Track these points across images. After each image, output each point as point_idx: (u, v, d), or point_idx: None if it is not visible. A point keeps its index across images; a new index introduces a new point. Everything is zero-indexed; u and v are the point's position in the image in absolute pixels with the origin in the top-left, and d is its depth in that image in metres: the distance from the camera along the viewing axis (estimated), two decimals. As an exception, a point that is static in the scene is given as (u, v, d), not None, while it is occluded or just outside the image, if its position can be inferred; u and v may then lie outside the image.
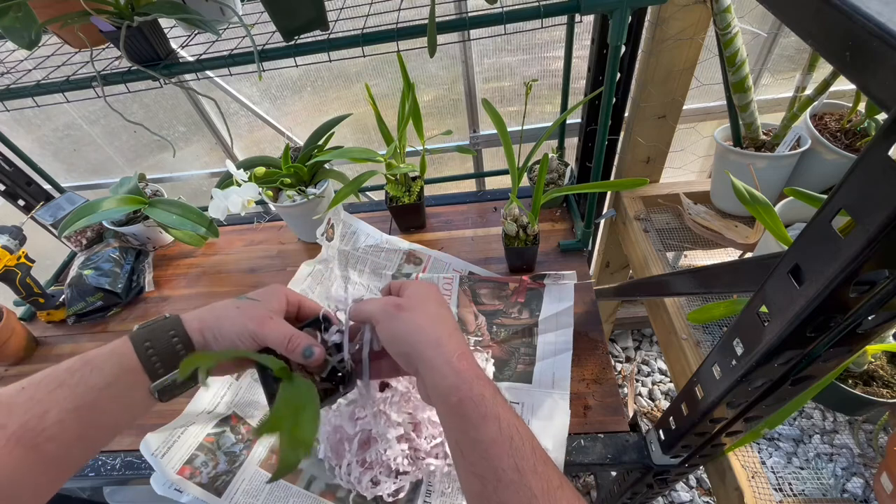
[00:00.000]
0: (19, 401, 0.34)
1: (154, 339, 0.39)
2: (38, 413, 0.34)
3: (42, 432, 0.33)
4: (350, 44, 0.57)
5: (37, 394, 0.35)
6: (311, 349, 0.40)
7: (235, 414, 0.67)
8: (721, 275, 0.49)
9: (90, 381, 0.36)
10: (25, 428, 0.33)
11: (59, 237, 0.91)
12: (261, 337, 0.40)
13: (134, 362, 0.38)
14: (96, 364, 0.37)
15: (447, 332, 0.41)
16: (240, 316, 0.41)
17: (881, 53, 0.21)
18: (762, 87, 1.06)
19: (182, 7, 0.60)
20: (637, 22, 0.70)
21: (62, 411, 0.34)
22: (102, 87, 0.63)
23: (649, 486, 0.65)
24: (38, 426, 0.33)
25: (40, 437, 0.33)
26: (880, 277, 0.25)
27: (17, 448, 0.33)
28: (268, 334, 0.40)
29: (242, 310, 0.41)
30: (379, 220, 0.99)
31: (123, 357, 0.38)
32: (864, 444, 0.64)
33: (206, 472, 0.60)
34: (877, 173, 0.21)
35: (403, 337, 0.40)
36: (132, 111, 1.17)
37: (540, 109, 1.15)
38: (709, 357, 0.41)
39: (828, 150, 0.77)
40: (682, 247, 0.92)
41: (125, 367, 0.38)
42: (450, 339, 0.40)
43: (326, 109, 1.17)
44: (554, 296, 0.77)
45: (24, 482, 0.33)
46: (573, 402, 0.65)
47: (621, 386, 1.59)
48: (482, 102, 0.78)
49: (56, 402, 0.34)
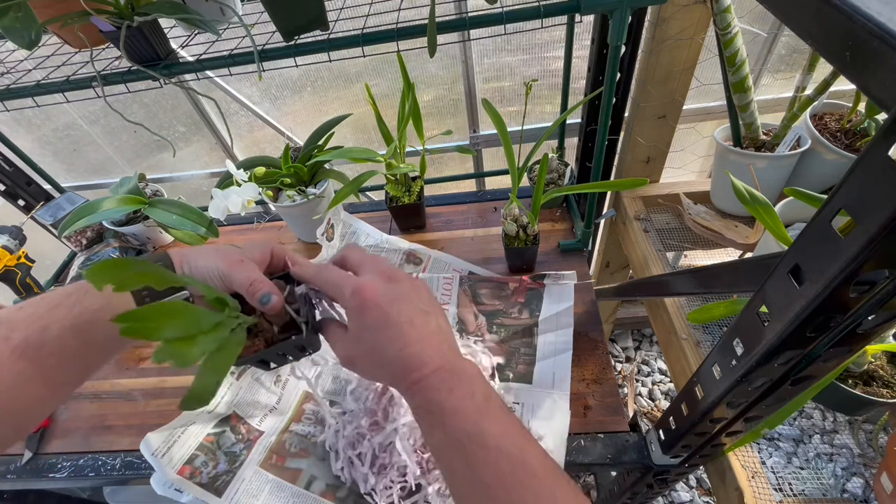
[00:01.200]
0: (21, 316, 0.36)
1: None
2: (39, 328, 0.35)
3: (43, 346, 0.35)
4: (350, 44, 0.57)
5: (37, 311, 0.36)
6: (269, 296, 0.39)
7: (236, 414, 0.67)
8: (721, 275, 0.49)
9: (85, 303, 0.37)
10: (28, 342, 0.35)
11: (59, 237, 0.91)
12: (227, 277, 0.40)
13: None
14: (90, 288, 0.38)
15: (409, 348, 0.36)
16: (215, 254, 0.42)
17: (881, 53, 0.21)
18: (762, 87, 1.06)
19: (182, 7, 0.60)
20: (637, 22, 0.70)
21: (62, 328, 0.36)
22: (102, 87, 0.63)
23: (649, 486, 0.65)
24: (40, 340, 0.35)
25: (42, 351, 0.35)
26: (880, 277, 0.25)
27: (21, 360, 0.34)
28: (234, 275, 0.40)
29: (220, 252, 0.42)
30: (379, 220, 0.99)
31: None
32: (864, 444, 0.64)
33: (207, 472, 0.60)
34: (877, 173, 0.21)
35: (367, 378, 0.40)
36: (132, 111, 1.17)
37: (540, 109, 1.15)
38: (709, 357, 0.41)
39: (828, 150, 0.77)
40: (682, 247, 0.92)
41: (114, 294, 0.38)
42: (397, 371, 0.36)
43: (326, 109, 1.17)
44: (554, 296, 0.77)
45: (27, 393, 0.35)
46: (573, 402, 0.65)
47: (621, 386, 1.59)
48: (482, 102, 0.78)
49: (56, 319, 0.36)
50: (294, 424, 0.68)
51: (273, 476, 0.62)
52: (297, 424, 0.68)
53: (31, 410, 0.37)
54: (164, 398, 0.78)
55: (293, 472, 0.62)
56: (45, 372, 0.36)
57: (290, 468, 0.63)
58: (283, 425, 0.67)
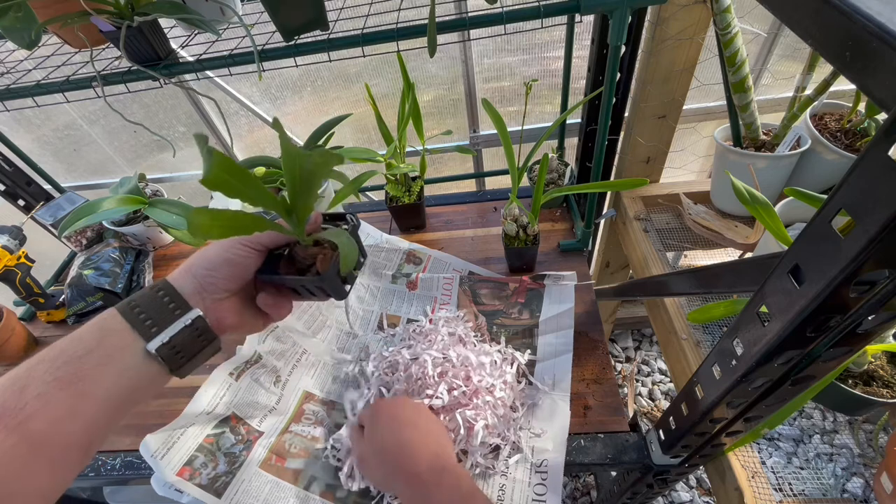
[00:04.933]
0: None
1: (140, 297, 0.35)
2: (15, 390, 0.30)
3: (22, 409, 0.29)
4: (350, 44, 0.57)
5: (16, 373, 0.31)
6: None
7: (235, 414, 0.67)
8: (721, 275, 0.49)
9: (70, 351, 0.32)
10: (4, 408, 0.29)
11: (59, 237, 0.91)
12: (254, 238, 0.38)
13: (118, 323, 0.34)
14: (77, 335, 0.34)
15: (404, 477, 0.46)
16: (220, 240, 0.38)
17: (881, 53, 0.21)
18: (762, 87, 1.06)
19: (182, 7, 0.60)
20: (637, 22, 0.70)
21: (42, 384, 0.30)
22: (102, 87, 0.63)
23: (649, 486, 0.65)
24: (17, 404, 0.30)
25: (21, 415, 0.29)
26: (880, 277, 0.25)
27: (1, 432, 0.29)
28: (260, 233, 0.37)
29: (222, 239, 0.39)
30: (379, 220, 0.99)
31: (106, 321, 0.34)
32: (864, 444, 0.64)
33: (206, 474, 0.60)
34: (877, 173, 0.21)
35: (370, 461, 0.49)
36: (132, 111, 1.17)
37: (540, 109, 1.15)
38: (709, 357, 0.41)
39: (828, 150, 0.77)
40: (682, 247, 0.92)
41: (108, 330, 0.34)
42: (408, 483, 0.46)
43: (326, 109, 1.17)
44: (554, 297, 0.77)
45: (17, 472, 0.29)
46: (573, 402, 0.65)
47: (621, 386, 1.59)
48: (482, 102, 0.78)
49: (35, 377, 0.31)
50: (294, 425, 0.67)
51: (273, 477, 0.62)
52: (297, 425, 0.67)
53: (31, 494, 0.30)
54: (164, 398, 0.77)
55: (293, 473, 0.62)
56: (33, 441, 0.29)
57: (290, 468, 0.63)
58: (283, 426, 0.67)
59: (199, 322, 0.36)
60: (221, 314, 0.38)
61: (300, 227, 0.38)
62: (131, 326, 0.34)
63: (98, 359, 0.32)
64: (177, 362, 0.35)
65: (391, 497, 0.59)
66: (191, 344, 0.35)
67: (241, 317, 0.40)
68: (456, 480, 0.45)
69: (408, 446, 0.49)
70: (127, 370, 0.34)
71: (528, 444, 0.62)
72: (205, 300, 0.37)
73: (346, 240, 0.36)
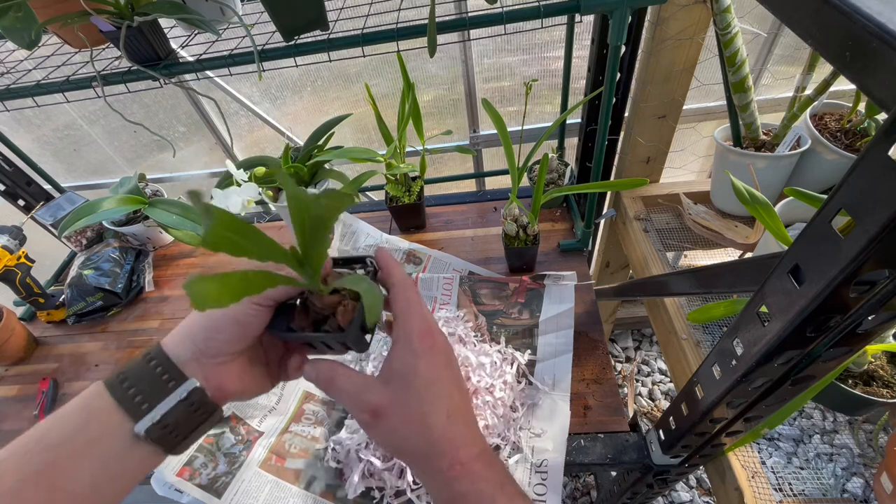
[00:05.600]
0: None
1: (130, 368, 0.30)
2: None
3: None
4: (350, 44, 0.57)
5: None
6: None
7: (235, 415, 0.67)
8: (721, 275, 0.49)
9: (48, 439, 0.28)
10: None
11: (59, 237, 0.91)
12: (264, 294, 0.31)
13: (104, 401, 0.29)
14: (60, 416, 0.29)
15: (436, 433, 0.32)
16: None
17: (881, 53, 0.21)
18: (762, 87, 1.06)
19: (182, 7, 0.60)
20: (637, 22, 0.70)
21: (13, 481, 0.26)
22: (102, 87, 0.63)
23: (649, 486, 0.65)
24: None
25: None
26: (880, 277, 0.25)
27: None
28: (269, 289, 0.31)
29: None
30: (379, 220, 0.99)
31: (92, 399, 0.30)
32: (864, 444, 0.64)
33: (206, 474, 0.60)
34: (877, 173, 0.21)
35: (386, 445, 0.34)
36: (132, 111, 1.17)
37: (540, 109, 1.15)
38: (709, 357, 0.41)
39: (828, 150, 0.77)
40: (682, 247, 0.92)
41: (93, 410, 0.29)
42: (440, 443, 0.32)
43: (326, 109, 1.17)
44: (554, 297, 0.77)
45: None
46: (573, 401, 0.65)
47: (621, 386, 1.59)
48: (482, 102, 0.78)
49: (6, 470, 0.27)
50: (294, 425, 0.67)
51: (273, 477, 0.62)
52: (297, 425, 0.68)
53: None
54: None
55: (293, 473, 0.62)
56: None
57: (290, 468, 0.63)
58: (283, 426, 0.67)
59: (195, 395, 0.31)
60: (223, 380, 0.33)
61: (315, 278, 0.34)
62: (118, 404, 0.29)
63: (78, 448, 0.28)
64: (170, 442, 0.30)
65: (391, 497, 0.59)
66: (186, 421, 0.31)
67: (246, 380, 0.35)
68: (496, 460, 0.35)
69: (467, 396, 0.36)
70: (109, 459, 0.29)
71: (528, 444, 0.62)
72: (204, 366, 0.32)
73: (367, 286, 0.32)
